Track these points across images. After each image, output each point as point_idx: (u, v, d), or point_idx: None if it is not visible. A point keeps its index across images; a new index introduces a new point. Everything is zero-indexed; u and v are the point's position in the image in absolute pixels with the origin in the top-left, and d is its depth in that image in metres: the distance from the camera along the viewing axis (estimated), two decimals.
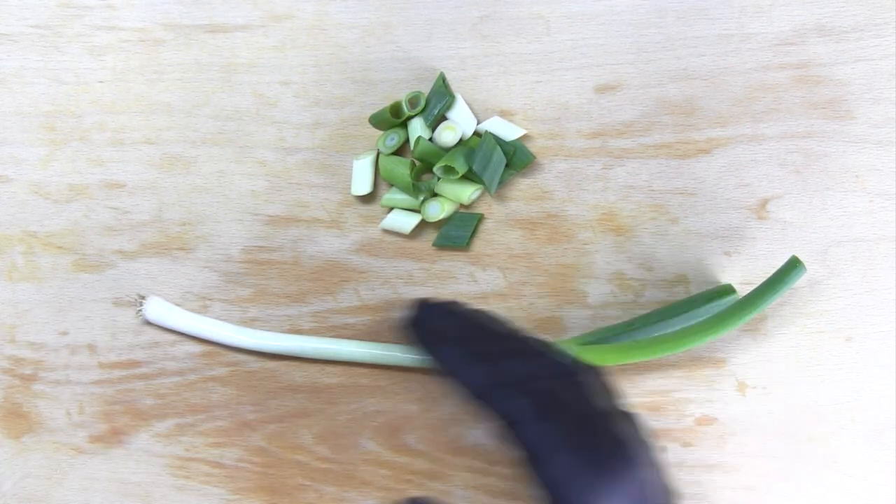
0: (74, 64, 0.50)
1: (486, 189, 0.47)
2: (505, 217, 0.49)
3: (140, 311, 0.48)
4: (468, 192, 0.47)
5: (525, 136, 0.48)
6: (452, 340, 0.41)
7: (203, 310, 0.49)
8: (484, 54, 0.49)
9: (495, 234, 0.49)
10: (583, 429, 0.37)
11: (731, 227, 0.48)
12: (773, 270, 0.44)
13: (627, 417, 0.39)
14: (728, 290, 0.46)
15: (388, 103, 0.48)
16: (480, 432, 0.48)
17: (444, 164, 0.46)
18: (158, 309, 0.48)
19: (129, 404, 0.49)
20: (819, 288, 0.47)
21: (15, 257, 0.50)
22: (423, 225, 0.48)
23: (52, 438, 0.49)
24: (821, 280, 0.47)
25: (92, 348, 0.49)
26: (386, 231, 0.49)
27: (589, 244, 0.48)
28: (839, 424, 0.47)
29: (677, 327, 0.45)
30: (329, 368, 0.49)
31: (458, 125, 0.48)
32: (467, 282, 0.48)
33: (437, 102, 0.48)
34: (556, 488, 0.36)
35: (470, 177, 0.48)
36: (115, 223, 0.50)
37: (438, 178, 0.48)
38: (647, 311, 0.47)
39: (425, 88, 0.49)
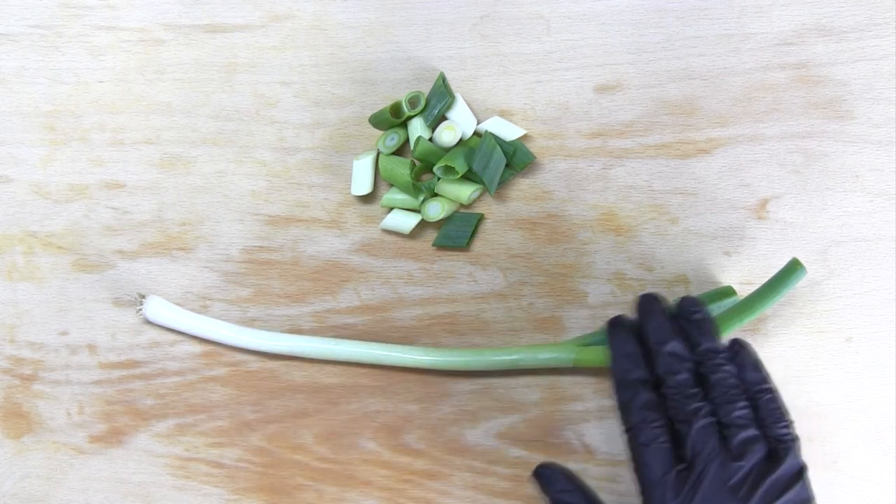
0: (74, 64, 0.50)
1: (486, 189, 0.47)
2: (505, 217, 0.49)
3: (140, 310, 0.48)
4: (468, 192, 0.47)
5: (525, 136, 0.48)
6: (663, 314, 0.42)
7: (203, 310, 0.49)
8: (484, 54, 0.49)
9: (495, 234, 0.49)
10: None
11: (731, 227, 0.48)
12: (773, 270, 0.44)
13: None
14: (728, 291, 0.46)
15: (388, 103, 0.47)
16: (480, 432, 0.48)
17: (444, 164, 0.46)
18: (158, 308, 0.48)
19: (129, 404, 0.49)
20: (819, 288, 0.47)
21: (15, 257, 0.50)
22: (423, 225, 0.48)
23: (52, 438, 0.49)
24: (821, 280, 0.47)
25: (92, 348, 0.49)
26: (386, 231, 0.49)
27: (589, 244, 0.48)
28: (839, 424, 0.47)
29: None
30: (329, 368, 0.49)
31: (458, 125, 0.48)
32: (467, 282, 0.48)
33: (437, 102, 0.48)
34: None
35: (470, 177, 0.48)
36: (115, 223, 0.50)
37: (438, 178, 0.48)
38: None
39: (425, 88, 0.49)
